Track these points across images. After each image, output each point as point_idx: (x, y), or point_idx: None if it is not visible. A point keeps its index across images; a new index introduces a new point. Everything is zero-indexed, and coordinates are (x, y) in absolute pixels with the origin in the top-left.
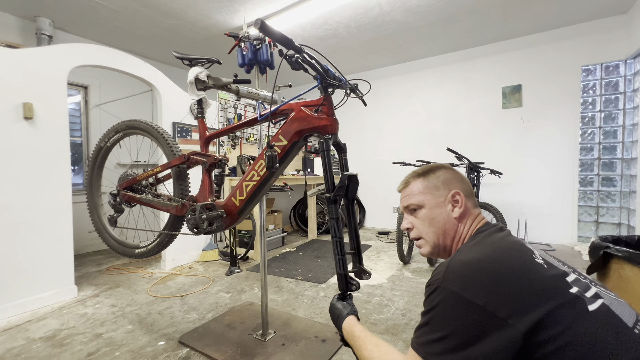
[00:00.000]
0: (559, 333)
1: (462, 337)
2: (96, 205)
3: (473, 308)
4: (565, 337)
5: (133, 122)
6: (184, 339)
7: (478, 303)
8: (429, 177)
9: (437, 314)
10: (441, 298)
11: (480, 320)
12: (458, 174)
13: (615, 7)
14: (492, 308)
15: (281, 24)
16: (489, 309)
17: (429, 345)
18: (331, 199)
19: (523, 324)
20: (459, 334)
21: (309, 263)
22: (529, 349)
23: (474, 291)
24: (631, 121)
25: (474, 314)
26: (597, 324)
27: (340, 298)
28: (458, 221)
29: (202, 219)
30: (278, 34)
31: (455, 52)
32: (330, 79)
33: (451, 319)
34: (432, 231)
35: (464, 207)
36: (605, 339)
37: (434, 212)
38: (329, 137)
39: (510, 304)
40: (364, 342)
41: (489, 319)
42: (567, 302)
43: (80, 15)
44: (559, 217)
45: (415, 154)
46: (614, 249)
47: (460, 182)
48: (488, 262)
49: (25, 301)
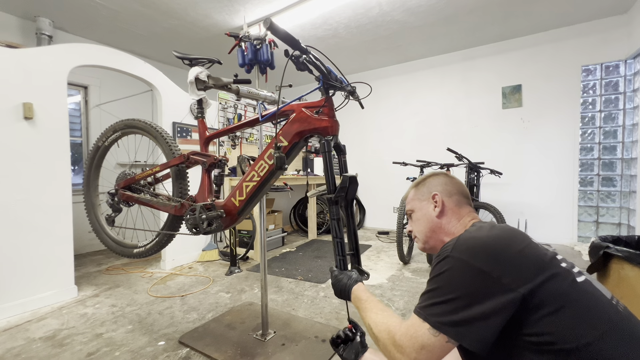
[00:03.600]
0: (553, 298)
1: (465, 299)
2: (94, 205)
3: (480, 274)
4: (558, 302)
5: (131, 121)
6: (184, 339)
7: (485, 270)
8: (419, 187)
9: (444, 279)
10: (450, 265)
11: (485, 285)
12: (445, 179)
13: (615, 7)
14: (497, 275)
15: (281, 24)
16: (494, 275)
17: (431, 307)
18: (332, 200)
19: (524, 289)
20: (463, 297)
21: (309, 263)
22: (526, 311)
23: (481, 260)
24: (631, 121)
25: (480, 280)
26: (584, 293)
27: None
28: (439, 217)
29: (202, 219)
30: (286, 34)
31: (455, 52)
32: (332, 81)
33: (458, 283)
34: (421, 230)
35: (442, 206)
36: (592, 307)
37: (421, 213)
38: (330, 139)
39: (514, 272)
40: (371, 305)
41: (494, 284)
42: (560, 273)
43: (80, 15)
44: (559, 217)
45: (415, 154)
46: (614, 249)
47: (443, 185)
48: (494, 237)
49: (25, 301)
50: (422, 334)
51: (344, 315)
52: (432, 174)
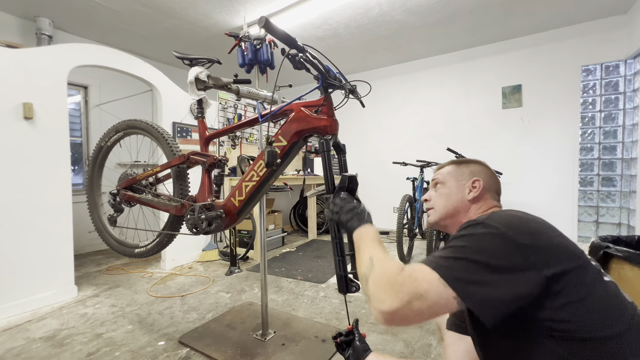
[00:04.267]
0: (579, 287)
1: (491, 264)
2: (96, 205)
3: (513, 245)
4: (583, 292)
5: (133, 121)
6: (184, 339)
7: (518, 242)
8: (461, 166)
9: (473, 240)
10: (484, 231)
11: (514, 256)
12: (490, 171)
13: (615, 7)
14: (528, 251)
15: (281, 24)
16: (525, 251)
17: (449, 260)
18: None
19: (549, 272)
20: (489, 261)
21: (309, 263)
22: (549, 296)
23: (517, 233)
24: (631, 121)
25: (511, 250)
26: (609, 290)
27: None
28: (471, 203)
29: (201, 219)
30: (282, 33)
31: (455, 52)
32: (331, 79)
33: (487, 247)
34: (443, 205)
35: (480, 194)
36: (615, 305)
37: (452, 191)
38: (329, 138)
39: (544, 254)
40: (380, 246)
41: (523, 258)
42: (588, 267)
43: (80, 15)
44: (559, 217)
45: (415, 153)
46: (614, 249)
47: (488, 176)
48: (531, 219)
49: (25, 301)
50: (428, 281)
51: (344, 315)
52: (477, 160)
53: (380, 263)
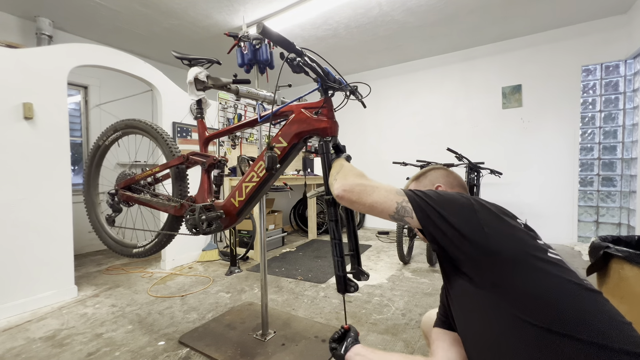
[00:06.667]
0: (513, 254)
1: (445, 208)
2: (94, 204)
3: (473, 213)
4: (517, 258)
5: (132, 121)
6: (184, 339)
7: (475, 209)
8: (421, 178)
9: (442, 194)
10: (454, 195)
11: (467, 214)
12: (446, 172)
13: (615, 7)
14: (481, 217)
15: (281, 23)
16: (479, 216)
17: (417, 192)
18: (330, 202)
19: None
20: (446, 207)
21: (309, 263)
22: (484, 256)
23: (479, 204)
24: (631, 121)
25: (467, 211)
26: (551, 265)
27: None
28: None
29: (201, 219)
30: (279, 38)
31: (455, 52)
32: (330, 82)
33: (450, 201)
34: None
35: None
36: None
37: None
38: (329, 140)
39: (496, 228)
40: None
41: (474, 219)
42: (533, 245)
43: (80, 15)
44: (559, 217)
45: (415, 153)
46: (614, 249)
47: (445, 177)
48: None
49: (25, 301)
50: (387, 188)
51: (343, 315)
52: (432, 167)
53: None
